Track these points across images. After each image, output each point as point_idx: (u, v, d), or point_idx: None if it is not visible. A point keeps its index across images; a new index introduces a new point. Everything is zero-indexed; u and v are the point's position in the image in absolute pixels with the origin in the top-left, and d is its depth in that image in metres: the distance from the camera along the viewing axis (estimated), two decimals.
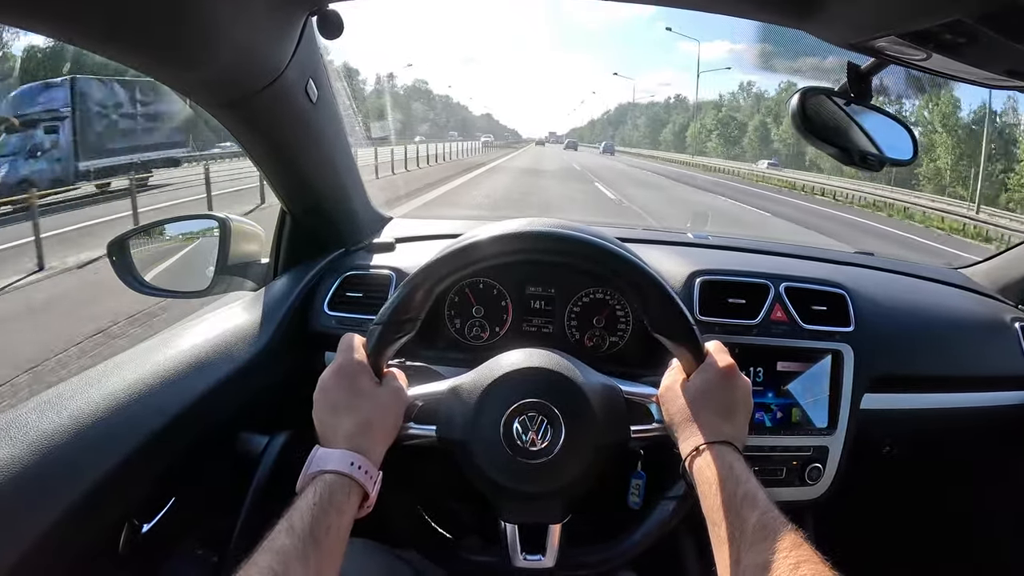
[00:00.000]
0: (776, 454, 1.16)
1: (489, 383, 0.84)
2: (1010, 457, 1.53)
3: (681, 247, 1.45)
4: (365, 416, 0.77)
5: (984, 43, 0.71)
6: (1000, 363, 1.39)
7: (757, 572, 0.61)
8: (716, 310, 1.19)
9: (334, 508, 0.67)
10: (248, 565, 0.59)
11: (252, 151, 1.05)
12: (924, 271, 1.64)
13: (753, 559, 0.62)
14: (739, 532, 0.65)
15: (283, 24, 0.86)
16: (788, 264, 1.42)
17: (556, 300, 1.24)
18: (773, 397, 1.17)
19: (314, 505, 0.66)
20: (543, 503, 0.84)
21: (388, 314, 0.81)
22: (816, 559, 0.60)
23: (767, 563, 0.61)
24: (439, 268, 0.82)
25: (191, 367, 0.94)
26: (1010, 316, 1.45)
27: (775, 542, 0.62)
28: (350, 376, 0.79)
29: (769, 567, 0.60)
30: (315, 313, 1.19)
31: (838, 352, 1.19)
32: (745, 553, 0.63)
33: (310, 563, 0.61)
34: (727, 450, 0.74)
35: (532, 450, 0.81)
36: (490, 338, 1.23)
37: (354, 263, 1.25)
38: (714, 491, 0.70)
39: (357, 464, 0.72)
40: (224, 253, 1.20)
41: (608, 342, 1.23)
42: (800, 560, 0.60)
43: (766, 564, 0.61)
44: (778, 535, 0.63)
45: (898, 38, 0.75)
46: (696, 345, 0.82)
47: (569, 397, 0.83)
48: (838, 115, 0.96)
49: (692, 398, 0.79)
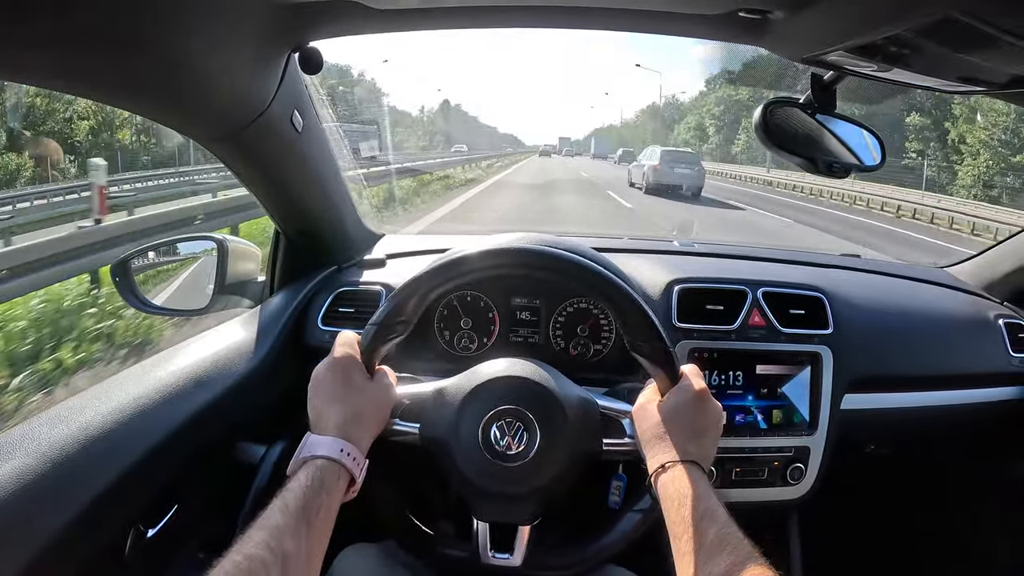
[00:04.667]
0: (758, 455, 1.19)
1: (471, 388, 0.89)
2: (996, 454, 1.55)
3: (664, 255, 1.49)
4: (356, 407, 0.82)
5: (930, 54, 0.75)
6: (985, 360, 1.42)
7: None
8: (694, 316, 1.22)
9: (324, 490, 0.72)
10: (244, 540, 0.63)
11: (244, 178, 1.09)
12: (909, 271, 1.66)
13: (709, 571, 0.66)
14: (699, 545, 0.69)
15: (267, 64, 0.91)
16: (768, 269, 1.45)
17: (541, 311, 1.28)
18: (753, 400, 1.20)
19: (306, 487, 0.70)
20: (514, 504, 0.89)
21: (383, 316, 0.86)
22: (769, 572, 0.64)
23: (723, 574, 0.64)
24: (431, 278, 0.86)
25: (192, 382, 0.99)
26: (994, 313, 1.48)
27: (732, 555, 0.66)
28: (344, 369, 0.84)
29: None
30: (309, 328, 1.23)
31: (816, 354, 1.22)
32: (702, 565, 0.67)
33: (302, 539, 0.65)
34: (692, 469, 0.77)
35: (508, 453, 0.86)
36: (478, 348, 1.27)
37: (346, 280, 1.30)
38: (676, 506, 0.74)
39: (346, 451, 0.76)
40: (222, 272, 1.24)
41: (592, 350, 1.27)
42: (754, 574, 0.63)
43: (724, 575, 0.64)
44: (736, 548, 0.66)
45: (847, 52, 0.79)
46: (672, 368, 0.85)
47: (546, 406, 0.88)
48: (806, 125, 0.99)
49: (664, 418, 0.82)
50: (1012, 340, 1.43)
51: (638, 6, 0.91)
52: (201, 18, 0.71)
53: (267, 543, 0.63)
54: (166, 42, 0.69)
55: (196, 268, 1.37)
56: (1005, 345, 1.42)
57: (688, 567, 0.68)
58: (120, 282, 1.23)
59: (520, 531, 0.89)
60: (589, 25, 0.97)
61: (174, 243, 1.37)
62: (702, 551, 0.68)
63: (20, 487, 0.71)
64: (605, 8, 0.92)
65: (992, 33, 0.63)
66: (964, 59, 0.75)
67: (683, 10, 0.90)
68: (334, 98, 1.01)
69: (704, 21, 0.90)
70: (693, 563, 0.68)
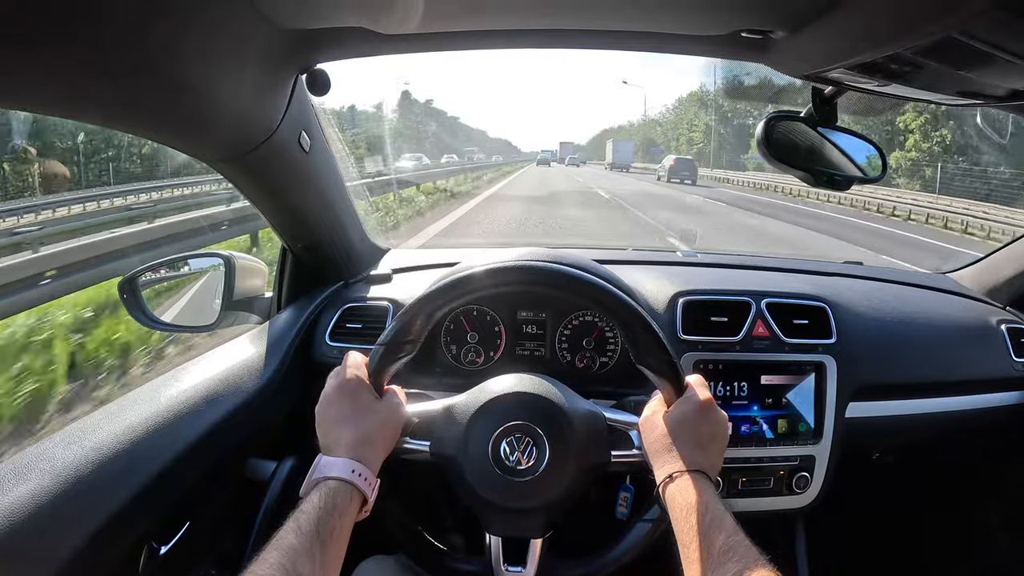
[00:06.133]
0: (764, 464, 1.20)
1: (480, 405, 0.90)
2: (1001, 458, 1.56)
3: (667, 267, 1.50)
4: (366, 428, 0.83)
5: (930, 71, 0.76)
6: (988, 366, 1.42)
7: None
8: (699, 328, 1.23)
9: (337, 511, 0.73)
10: (259, 561, 0.64)
11: (251, 197, 1.11)
12: (911, 278, 1.67)
13: None
14: (707, 553, 0.70)
15: (275, 87, 0.93)
16: (772, 279, 1.46)
17: (547, 324, 1.29)
18: (758, 410, 1.21)
19: (319, 508, 0.72)
20: (526, 518, 0.90)
21: (390, 336, 0.87)
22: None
23: None
24: (437, 297, 0.87)
25: (202, 399, 1.00)
26: (996, 319, 1.49)
27: (739, 562, 0.67)
28: (352, 391, 0.85)
29: None
30: (317, 344, 1.24)
31: (821, 364, 1.23)
32: (712, 573, 0.68)
33: (316, 560, 0.66)
34: (699, 478, 0.78)
35: (518, 469, 0.87)
36: (485, 363, 1.28)
37: (353, 295, 1.31)
38: (684, 515, 0.75)
39: (358, 472, 0.78)
40: (230, 289, 1.26)
41: (598, 363, 1.28)
42: None
43: None
44: (743, 555, 0.68)
45: (847, 70, 0.81)
46: (677, 379, 0.86)
47: (554, 421, 0.89)
48: (808, 138, 1.01)
49: (670, 429, 0.84)
50: (1015, 345, 1.44)
51: (642, 28, 0.93)
52: (209, 43, 0.73)
53: (282, 564, 0.63)
54: (174, 67, 0.71)
55: (204, 284, 1.38)
56: (1008, 350, 1.43)
57: (697, 574, 0.69)
58: (128, 299, 1.24)
59: (532, 544, 0.91)
60: (595, 46, 0.98)
61: (181, 259, 1.38)
62: (710, 559, 0.69)
63: (36, 507, 0.72)
64: (610, 30, 0.94)
65: (991, 52, 0.64)
66: (963, 76, 0.76)
67: (686, 31, 0.92)
68: None
69: (707, 41, 0.91)
70: (701, 571, 0.69)
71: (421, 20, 0.85)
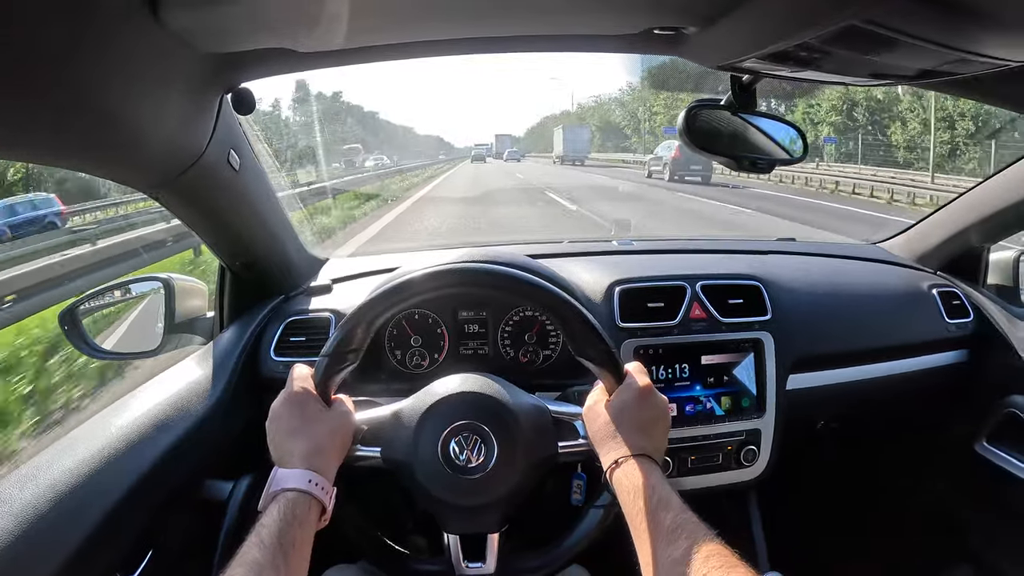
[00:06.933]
0: (710, 442, 1.24)
1: (427, 407, 0.92)
2: (943, 416, 1.63)
3: (604, 256, 1.52)
4: (317, 438, 0.84)
5: (839, 57, 0.79)
6: (923, 329, 1.49)
7: (673, 566, 0.68)
8: (637, 315, 1.26)
9: (297, 521, 0.74)
10: None
11: (185, 219, 1.09)
12: (843, 250, 1.72)
13: (669, 554, 0.69)
14: (656, 532, 0.72)
15: (200, 109, 0.92)
16: (706, 261, 1.50)
17: (488, 322, 1.30)
18: (701, 389, 1.25)
19: (280, 520, 0.73)
20: (481, 515, 0.92)
21: (333, 347, 0.88)
22: (725, 551, 0.67)
23: (682, 557, 0.68)
24: (375, 305, 0.88)
25: (152, 427, 0.99)
26: (928, 284, 1.55)
27: (689, 538, 0.69)
28: (300, 403, 0.86)
29: (683, 560, 0.67)
30: (263, 360, 1.23)
31: (758, 340, 1.28)
32: (662, 551, 0.70)
33: (280, 571, 0.67)
34: (644, 461, 0.81)
35: (468, 467, 0.89)
36: (430, 365, 1.29)
37: (294, 308, 1.30)
38: (632, 499, 0.77)
39: (314, 481, 0.79)
40: (170, 311, 1.24)
41: (542, 356, 1.30)
42: (711, 553, 0.67)
43: (681, 558, 0.68)
44: (692, 531, 0.70)
45: (759, 60, 0.83)
46: (616, 368, 0.89)
47: (500, 417, 0.91)
48: (730, 124, 1.04)
49: (612, 416, 0.86)
50: (947, 308, 1.51)
51: (558, 31, 0.94)
52: (131, 72, 0.72)
53: None
54: (96, 98, 0.70)
55: (145, 308, 1.36)
56: (940, 313, 1.50)
57: (648, 554, 0.72)
58: (69, 330, 1.22)
59: (490, 539, 0.93)
60: (513, 50, 0.99)
61: (120, 285, 1.35)
62: (660, 537, 0.71)
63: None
64: (526, 35, 0.95)
65: (894, 37, 0.66)
66: (872, 59, 0.79)
67: (600, 32, 0.93)
68: None
69: (622, 39, 0.93)
70: (652, 550, 0.71)
71: (346, 38, 0.84)
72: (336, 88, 45.76)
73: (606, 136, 57.74)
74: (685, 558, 0.67)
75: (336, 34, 0.82)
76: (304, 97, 40.52)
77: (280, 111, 40.37)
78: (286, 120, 41.33)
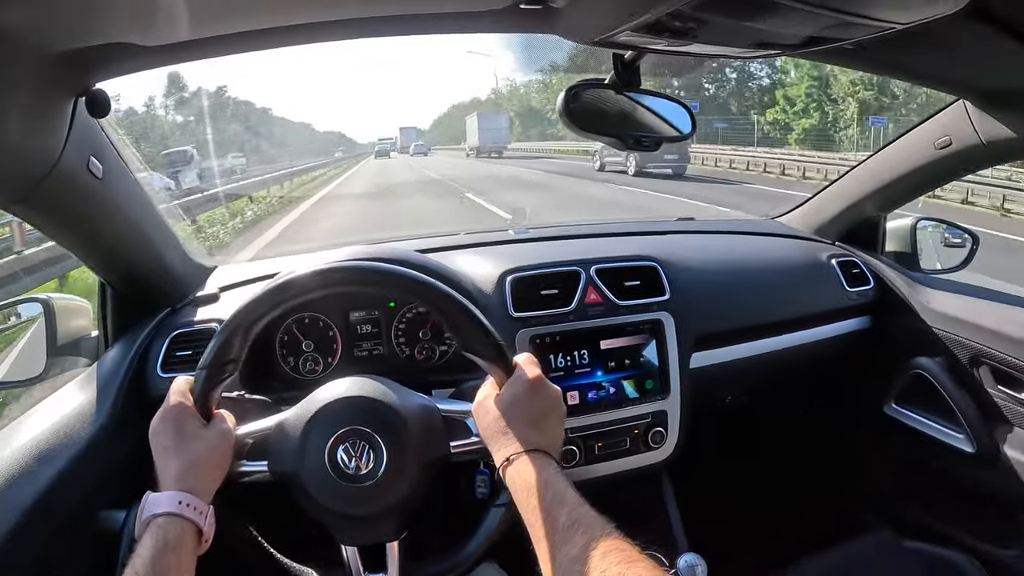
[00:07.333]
0: (617, 427, 1.23)
1: (311, 415, 0.88)
2: (852, 383, 1.68)
3: (498, 246, 1.50)
4: (192, 457, 0.80)
5: (717, 25, 0.78)
6: (824, 299, 1.52)
7: (571, 564, 0.66)
8: (531, 304, 1.24)
9: (170, 548, 0.71)
10: None
11: (51, 234, 1.03)
12: (742, 226, 1.76)
13: (566, 552, 0.67)
14: (552, 530, 0.70)
15: (49, 114, 0.86)
16: (602, 245, 1.50)
17: (381, 321, 1.27)
18: (603, 375, 1.24)
19: (152, 547, 0.70)
20: (376, 523, 0.89)
21: (210, 359, 0.84)
22: (625, 545, 0.65)
23: (579, 555, 0.65)
24: (250, 311, 0.84)
25: (34, 459, 0.93)
26: (827, 254, 1.59)
27: (585, 534, 0.67)
28: (176, 419, 0.83)
29: (581, 558, 0.65)
30: (150, 378, 1.17)
31: (658, 321, 1.28)
32: (559, 549, 0.68)
33: None
34: (537, 457, 0.78)
35: (358, 475, 0.85)
36: (324, 370, 1.25)
37: (180, 321, 1.24)
38: (526, 496, 0.75)
39: (186, 503, 0.75)
40: (52, 334, 1.17)
41: (438, 352, 1.28)
42: (609, 549, 0.65)
43: (578, 556, 0.65)
44: (588, 526, 0.68)
45: (634, 32, 0.82)
46: (504, 361, 0.86)
47: (386, 421, 0.88)
48: (618, 103, 1.03)
49: (502, 411, 0.83)
50: (846, 277, 1.55)
51: (421, 10, 0.92)
52: None
53: None
54: None
55: (33, 333, 1.28)
56: (841, 282, 1.54)
57: (545, 553, 0.70)
58: None
59: (389, 548, 0.90)
60: (372, 34, 0.95)
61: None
62: (556, 535, 0.69)
63: None
64: (385, 17, 0.92)
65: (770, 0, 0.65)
66: (751, 27, 0.78)
67: (466, 8, 0.91)
68: None
69: (489, 16, 0.90)
70: (548, 548, 0.69)
71: (189, 27, 0.80)
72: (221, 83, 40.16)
73: (527, 123, 54.94)
74: (583, 556, 0.65)
75: (178, 25, 0.78)
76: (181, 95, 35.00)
77: (154, 110, 35.76)
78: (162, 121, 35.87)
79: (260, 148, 43.15)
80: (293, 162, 34.36)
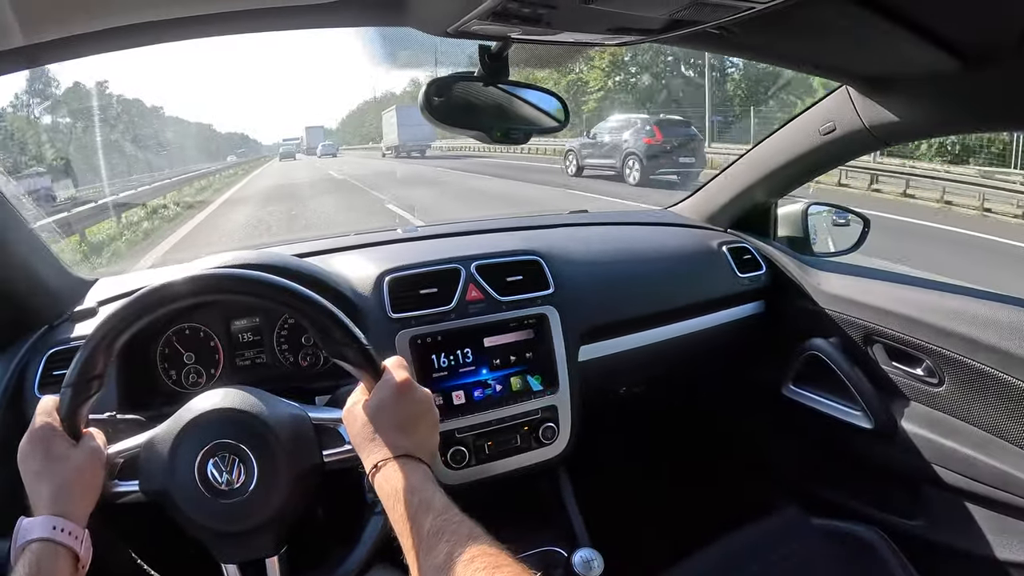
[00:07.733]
0: (505, 424, 1.21)
1: (179, 430, 0.84)
2: (749, 368, 1.71)
3: (383, 246, 1.47)
4: (62, 479, 0.77)
5: (567, 9, 0.77)
6: (716, 286, 1.55)
7: (435, 573, 0.63)
8: (410, 304, 1.21)
9: (43, 575, 0.68)
10: None
11: None
12: (635, 217, 1.77)
13: (431, 562, 0.65)
14: (418, 539, 0.68)
15: None
16: (485, 241, 1.47)
17: (263, 329, 1.23)
18: (488, 372, 1.22)
19: None
20: (253, 538, 0.85)
21: (74, 376, 0.80)
22: (491, 551, 0.63)
23: (443, 563, 0.63)
24: (111, 325, 0.80)
25: None
26: (718, 242, 1.62)
27: (449, 542, 0.65)
28: (44, 441, 0.79)
29: (445, 567, 0.63)
30: (27, 400, 1.10)
31: (543, 316, 1.26)
32: (424, 557, 0.66)
33: None
34: (406, 463, 0.76)
35: (231, 490, 0.82)
36: (208, 382, 1.21)
37: (57, 338, 1.17)
38: (393, 504, 0.73)
39: (59, 527, 0.73)
40: None
41: (321, 358, 1.24)
42: (475, 555, 0.63)
43: (443, 564, 0.63)
44: (452, 533, 0.66)
45: (483, 21, 0.80)
46: (372, 365, 0.83)
47: (255, 433, 0.84)
48: (490, 96, 1.01)
49: (370, 417, 0.81)
50: (737, 263, 1.57)
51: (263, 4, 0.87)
52: None
53: None
54: None
55: None
56: (732, 268, 1.56)
57: (413, 562, 0.67)
58: None
59: (269, 564, 0.87)
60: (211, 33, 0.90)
61: None
62: (422, 544, 0.67)
63: None
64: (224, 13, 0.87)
65: None
66: (602, 10, 0.76)
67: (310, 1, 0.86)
68: None
69: (333, 9, 0.87)
70: (416, 557, 0.67)
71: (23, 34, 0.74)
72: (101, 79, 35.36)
73: None
74: (447, 564, 0.63)
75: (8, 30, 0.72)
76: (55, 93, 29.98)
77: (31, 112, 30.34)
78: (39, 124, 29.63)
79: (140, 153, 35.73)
80: (176, 169, 29.35)
